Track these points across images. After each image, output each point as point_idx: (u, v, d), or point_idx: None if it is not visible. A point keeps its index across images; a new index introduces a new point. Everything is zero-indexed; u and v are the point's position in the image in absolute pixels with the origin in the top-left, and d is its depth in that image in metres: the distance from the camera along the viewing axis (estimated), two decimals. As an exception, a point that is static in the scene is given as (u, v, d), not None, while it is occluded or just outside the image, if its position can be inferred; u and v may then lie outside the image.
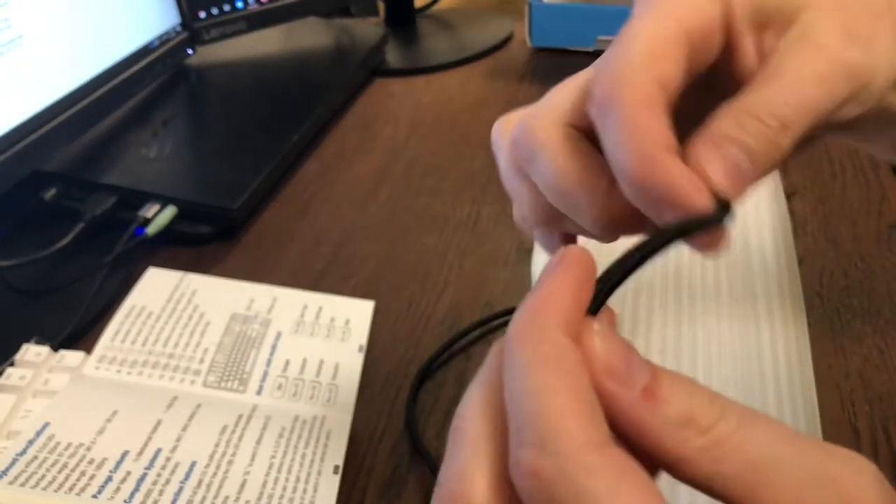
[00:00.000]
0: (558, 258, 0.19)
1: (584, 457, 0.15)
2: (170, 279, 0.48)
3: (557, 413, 0.16)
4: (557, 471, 0.15)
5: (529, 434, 0.16)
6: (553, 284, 0.18)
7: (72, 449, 0.35)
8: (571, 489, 0.15)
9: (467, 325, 0.46)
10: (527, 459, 0.15)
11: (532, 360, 0.16)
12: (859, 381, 0.41)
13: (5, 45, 0.48)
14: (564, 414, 0.16)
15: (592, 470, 0.15)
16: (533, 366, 0.16)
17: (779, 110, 0.21)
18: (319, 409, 0.40)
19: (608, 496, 0.15)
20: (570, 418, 0.16)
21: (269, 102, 0.70)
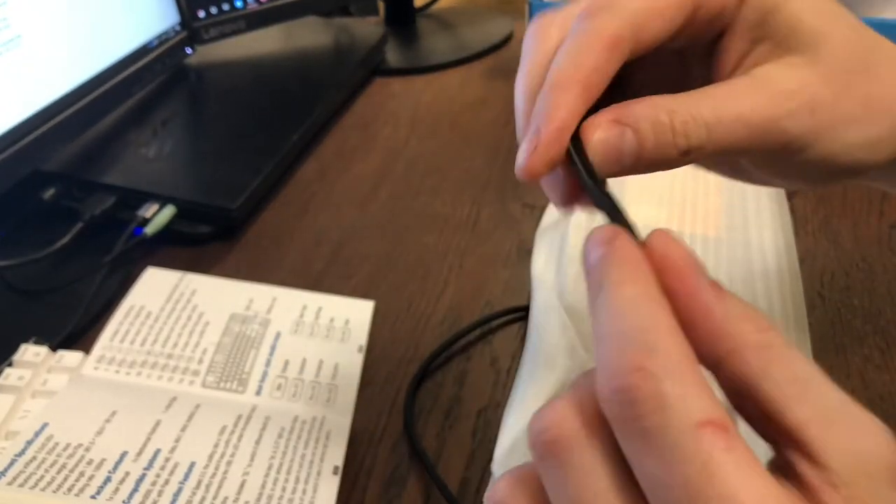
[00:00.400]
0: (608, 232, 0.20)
1: (690, 366, 0.16)
2: (169, 279, 0.48)
3: (667, 329, 0.17)
4: (666, 368, 0.16)
5: (640, 341, 0.16)
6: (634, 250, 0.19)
7: (70, 449, 0.35)
8: (678, 387, 0.16)
9: (466, 325, 0.46)
10: (633, 358, 0.16)
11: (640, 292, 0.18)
12: (860, 381, 0.41)
13: (4, 45, 0.48)
14: (672, 330, 0.17)
15: (697, 379, 0.16)
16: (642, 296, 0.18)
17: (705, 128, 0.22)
18: (319, 409, 0.40)
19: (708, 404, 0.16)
20: (677, 335, 0.17)
21: (269, 102, 0.70)
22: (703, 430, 0.15)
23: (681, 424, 0.15)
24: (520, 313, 0.47)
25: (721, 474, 0.15)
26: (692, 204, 0.50)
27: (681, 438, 0.15)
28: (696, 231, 0.47)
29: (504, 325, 0.46)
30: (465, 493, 0.37)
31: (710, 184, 0.52)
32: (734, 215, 0.48)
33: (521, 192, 0.59)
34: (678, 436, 0.15)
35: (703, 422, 0.15)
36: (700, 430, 0.15)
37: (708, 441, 0.15)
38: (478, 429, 0.40)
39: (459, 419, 0.41)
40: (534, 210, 0.57)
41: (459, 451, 0.39)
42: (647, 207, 0.49)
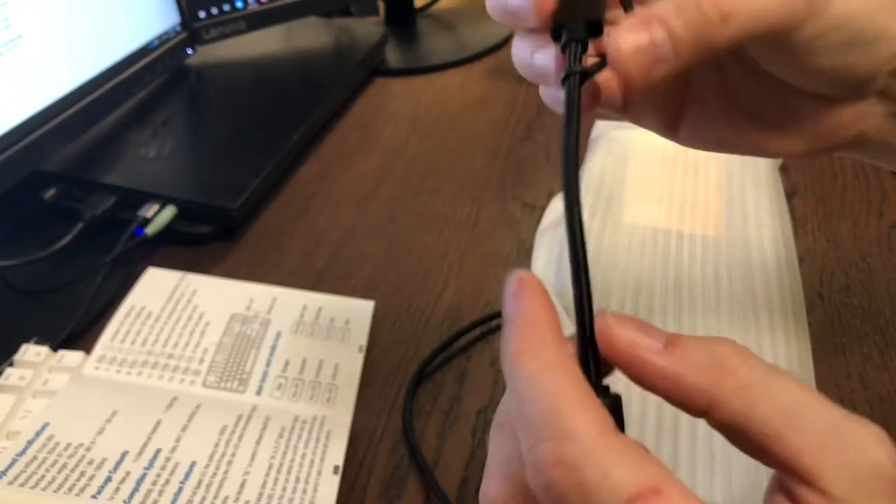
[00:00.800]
0: (517, 286, 0.20)
1: (606, 439, 0.16)
2: (169, 279, 0.48)
3: (574, 407, 0.16)
4: (581, 454, 0.16)
5: (549, 430, 0.16)
6: (530, 306, 0.19)
7: (71, 449, 0.35)
8: (598, 469, 0.16)
9: (466, 325, 0.46)
10: (549, 451, 0.16)
11: (540, 365, 0.17)
12: (860, 381, 0.41)
13: (5, 45, 0.48)
14: (580, 404, 0.17)
15: (615, 451, 0.16)
16: (541, 369, 0.17)
17: (726, 3, 0.20)
18: (319, 409, 0.40)
19: (631, 474, 0.16)
20: (586, 408, 0.16)
21: (269, 102, 0.70)
22: (636, 499, 0.15)
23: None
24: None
25: None
26: (692, 204, 0.50)
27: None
28: (696, 231, 0.47)
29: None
30: (466, 493, 0.37)
31: (710, 184, 0.52)
32: (734, 215, 0.49)
33: (521, 192, 0.59)
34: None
35: (633, 496, 0.15)
36: (634, 501, 0.15)
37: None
38: (478, 428, 0.40)
39: (459, 419, 0.41)
40: (534, 210, 0.57)
41: (459, 450, 0.39)
42: (646, 207, 0.49)
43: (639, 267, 0.45)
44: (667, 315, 0.41)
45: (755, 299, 0.42)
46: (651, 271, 0.44)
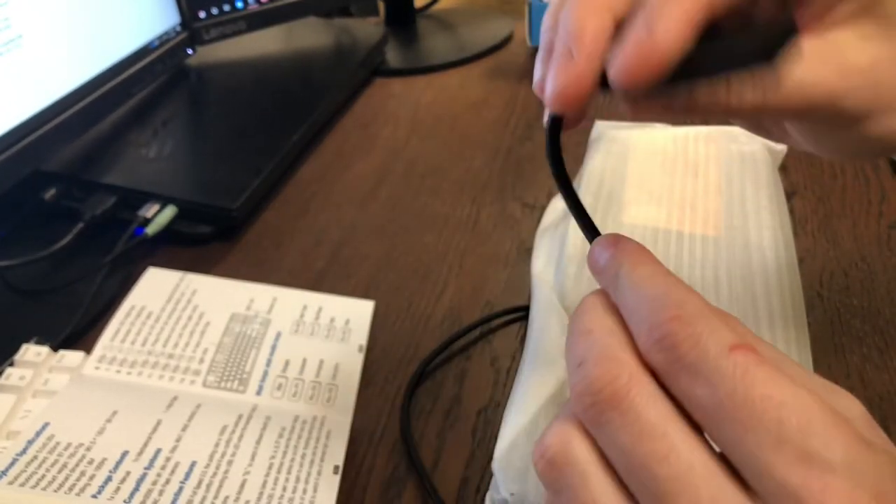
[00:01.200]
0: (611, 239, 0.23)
1: (713, 309, 0.19)
2: (169, 279, 0.48)
3: (685, 289, 0.20)
4: (695, 314, 0.19)
5: (669, 302, 0.19)
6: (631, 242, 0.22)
7: (71, 449, 0.35)
8: (708, 325, 0.18)
9: (466, 325, 0.46)
10: (668, 314, 0.19)
11: (654, 269, 0.21)
12: (859, 380, 0.41)
13: (5, 45, 0.48)
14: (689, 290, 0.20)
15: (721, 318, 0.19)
16: (656, 271, 0.21)
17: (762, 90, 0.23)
18: (319, 409, 0.40)
19: (733, 332, 0.18)
20: (693, 292, 0.20)
21: (269, 102, 0.70)
22: (735, 351, 0.18)
23: (717, 351, 0.18)
24: (520, 313, 0.47)
25: (758, 381, 0.17)
26: (692, 204, 0.50)
27: (719, 362, 0.18)
28: (696, 231, 0.47)
29: (504, 325, 0.47)
30: (466, 493, 0.37)
31: (710, 184, 0.52)
32: (734, 215, 0.49)
33: (521, 192, 0.59)
34: (716, 361, 0.18)
35: (734, 345, 0.18)
36: (732, 352, 0.18)
37: (741, 359, 0.18)
38: (478, 428, 0.40)
39: (459, 419, 0.41)
40: (534, 210, 0.57)
41: (460, 450, 0.39)
42: (646, 207, 0.49)
43: (639, 267, 0.45)
44: (667, 315, 0.41)
45: (755, 299, 0.42)
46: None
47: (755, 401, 0.17)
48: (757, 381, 0.17)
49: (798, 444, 0.17)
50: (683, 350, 0.18)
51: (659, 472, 0.18)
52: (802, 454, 0.16)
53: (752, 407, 0.17)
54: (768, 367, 0.18)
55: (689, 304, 0.19)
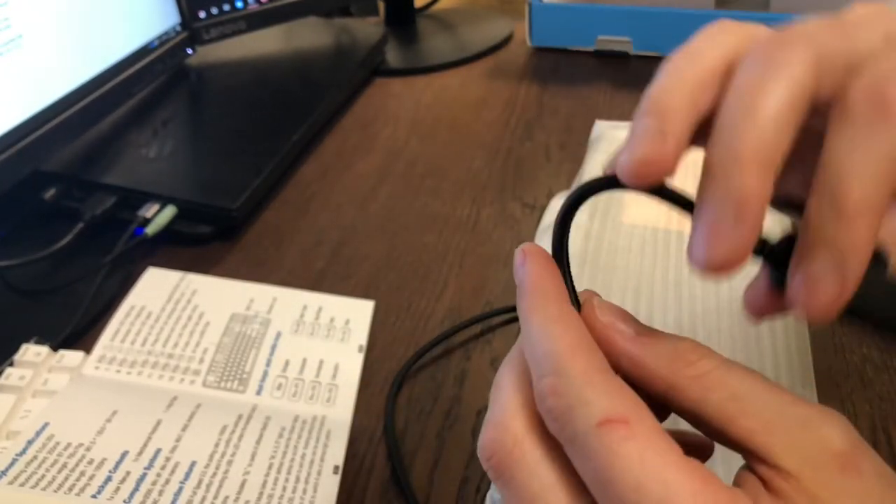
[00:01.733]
0: (521, 257, 0.22)
1: (592, 376, 0.19)
2: (169, 279, 0.48)
3: (568, 348, 0.20)
4: (569, 386, 0.19)
5: (548, 366, 0.19)
6: (536, 272, 0.22)
7: (71, 449, 0.35)
8: (581, 398, 0.19)
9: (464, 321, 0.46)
10: (547, 384, 0.19)
11: (543, 318, 0.21)
12: (859, 380, 0.41)
13: (5, 45, 0.48)
14: (573, 348, 0.20)
15: (599, 385, 0.19)
16: (544, 321, 0.20)
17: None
18: (319, 409, 0.40)
19: (608, 404, 0.18)
20: (578, 351, 0.20)
21: (269, 102, 0.70)
22: (602, 427, 0.18)
23: (585, 427, 0.18)
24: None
25: (620, 462, 0.18)
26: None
27: (587, 439, 0.18)
28: (696, 231, 0.47)
29: (504, 325, 0.47)
30: (466, 492, 0.37)
31: (710, 184, 0.52)
32: (734, 215, 0.49)
33: (521, 192, 0.59)
34: (584, 437, 0.18)
35: (602, 421, 0.18)
36: (599, 428, 0.18)
37: (606, 436, 0.18)
38: (477, 428, 0.40)
39: (459, 419, 0.41)
40: (533, 210, 0.57)
41: (460, 450, 0.39)
42: (646, 207, 0.49)
43: (639, 267, 0.45)
44: (667, 315, 0.41)
45: (755, 299, 0.42)
46: (651, 271, 0.44)
47: (615, 481, 0.17)
48: (618, 460, 0.18)
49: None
50: (561, 423, 0.19)
51: None
52: None
53: (614, 486, 0.17)
54: (636, 441, 0.18)
55: (566, 371, 0.19)
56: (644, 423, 0.18)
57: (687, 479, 0.17)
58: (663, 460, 0.18)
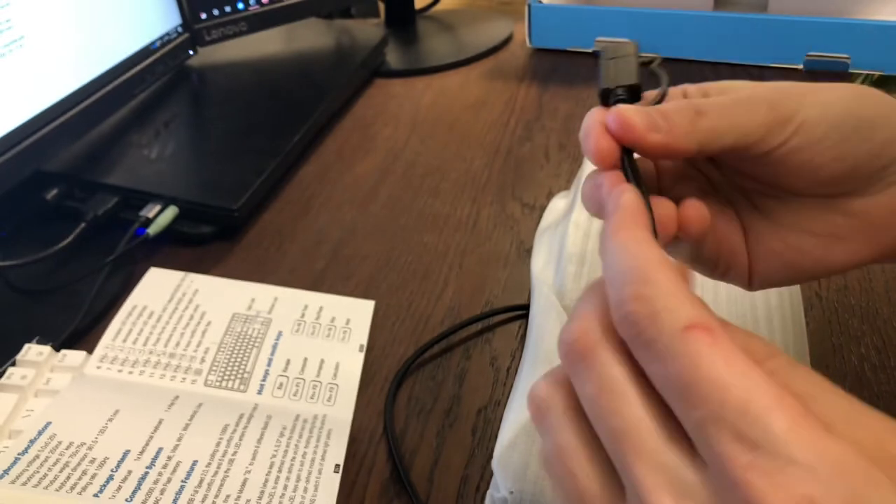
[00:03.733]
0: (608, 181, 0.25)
1: (678, 286, 0.20)
2: (171, 279, 0.48)
3: (656, 262, 0.20)
4: (656, 293, 0.20)
5: (633, 276, 0.20)
6: (626, 196, 0.23)
7: (73, 448, 0.35)
8: (667, 304, 0.19)
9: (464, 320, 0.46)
10: (630, 291, 0.20)
11: (630, 237, 0.21)
12: (857, 380, 0.41)
13: (7, 46, 0.48)
14: (660, 263, 0.20)
15: (683, 296, 0.20)
16: (631, 240, 0.21)
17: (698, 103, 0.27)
18: (320, 408, 0.41)
19: (691, 311, 0.19)
20: (664, 267, 0.20)
21: (270, 103, 0.70)
22: (689, 332, 0.19)
23: (671, 330, 0.19)
24: (519, 311, 0.47)
25: (706, 363, 0.18)
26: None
27: (671, 342, 0.19)
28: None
29: (503, 324, 0.47)
30: (466, 491, 0.37)
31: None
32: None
33: (521, 192, 0.59)
34: (669, 340, 0.19)
35: (689, 326, 0.19)
36: (686, 332, 0.19)
37: (693, 339, 0.18)
38: (478, 427, 0.40)
39: (459, 418, 0.41)
40: (533, 210, 0.57)
41: (460, 449, 0.39)
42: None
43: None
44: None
45: (753, 299, 0.42)
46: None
47: (701, 381, 0.18)
48: (703, 364, 0.18)
49: (735, 424, 0.17)
50: (641, 328, 0.19)
51: (612, 423, 0.20)
52: (738, 435, 0.17)
53: (699, 387, 0.18)
54: (721, 347, 0.18)
55: (654, 281, 0.20)
56: (727, 336, 0.19)
57: (770, 384, 0.18)
58: (747, 366, 0.18)
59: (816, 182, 0.28)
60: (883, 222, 0.28)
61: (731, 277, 0.31)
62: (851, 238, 0.29)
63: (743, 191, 0.31)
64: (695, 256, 0.30)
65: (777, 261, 0.30)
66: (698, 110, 0.26)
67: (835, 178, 0.28)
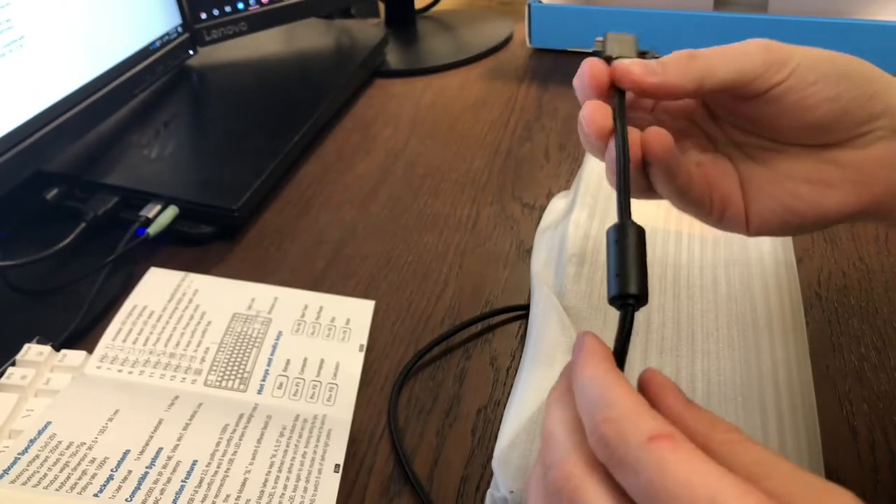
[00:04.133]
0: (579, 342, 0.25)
1: (640, 406, 0.21)
2: (171, 279, 0.48)
3: (619, 389, 0.22)
4: (621, 414, 0.21)
5: (601, 403, 0.22)
6: (590, 339, 0.25)
7: (73, 448, 0.35)
8: (631, 422, 0.21)
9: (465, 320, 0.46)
10: (600, 417, 0.21)
11: (596, 371, 0.23)
12: (857, 380, 0.41)
13: (7, 46, 0.48)
14: (623, 391, 0.22)
15: (645, 412, 0.21)
16: (597, 374, 0.23)
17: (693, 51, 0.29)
18: (320, 408, 0.41)
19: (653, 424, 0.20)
20: (628, 393, 0.22)
21: (271, 103, 0.70)
22: (652, 442, 0.20)
23: (637, 443, 0.20)
24: (519, 311, 0.47)
25: (672, 468, 0.19)
26: (691, 204, 0.50)
27: (639, 453, 0.20)
28: (694, 231, 0.47)
29: (503, 324, 0.47)
30: (466, 491, 0.37)
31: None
32: (732, 215, 0.49)
33: (521, 192, 0.59)
34: (637, 452, 0.20)
35: (651, 437, 0.20)
36: (650, 443, 0.20)
37: (656, 448, 0.20)
38: (477, 427, 0.40)
39: (459, 417, 0.41)
40: (533, 210, 0.57)
41: (460, 449, 0.39)
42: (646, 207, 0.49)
43: (638, 267, 0.45)
44: (665, 315, 0.41)
45: (753, 299, 0.42)
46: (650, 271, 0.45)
47: (669, 485, 0.19)
48: (670, 467, 0.19)
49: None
50: (612, 447, 0.21)
51: None
52: None
53: (668, 490, 0.19)
54: (682, 451, 0.20)
55: (618, 404, 0.21)
56: (687, 442, 0.20)
57: (734, 479, 0.19)
58: (709, 465, 0.19)
59: (808, 125, 0.30)
60: (870, 174, 0.30)
61: (727, 223, 0.32)
62: (841, 187, 0.30)
63: (740, 144, 0.32)
64: (686, 199, 0.31)
65: (773, 203, 0.31)
66: (692, 55, 0.29)
67: (826, 122, 0.29)
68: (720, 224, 0.32)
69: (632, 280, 0.25)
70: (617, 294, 0.25)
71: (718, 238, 0.47)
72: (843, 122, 0.29)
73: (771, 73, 0.29)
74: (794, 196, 0.31)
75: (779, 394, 0.37)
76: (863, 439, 0.38)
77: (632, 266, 0.25)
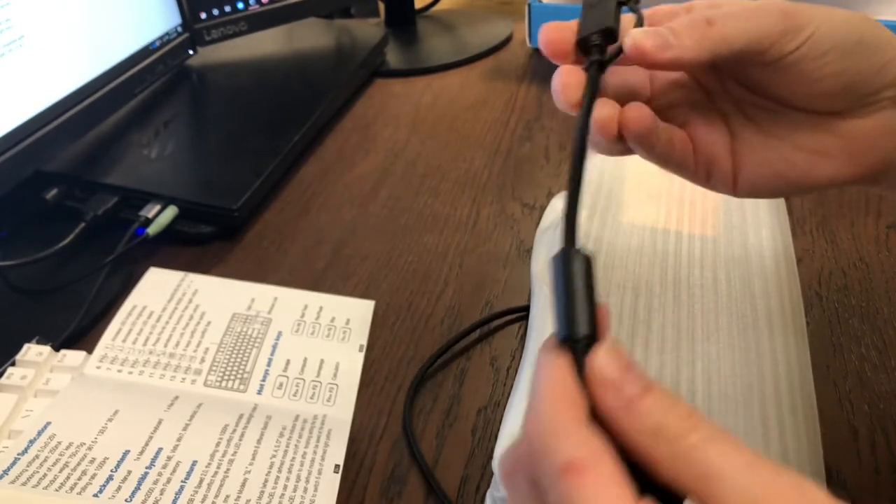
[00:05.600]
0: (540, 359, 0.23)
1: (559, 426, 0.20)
2: (171, 279, 0.48)
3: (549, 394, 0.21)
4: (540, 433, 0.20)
5: (531, 419, 0.21)
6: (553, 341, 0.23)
7: (73, 448, 0.35)
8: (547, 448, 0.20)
9: (466, 327, 0.46)
10: (528, 429, 0.21)
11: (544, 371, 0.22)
12: (858, 380, 0.41)
13: (7, 46, 0.48)
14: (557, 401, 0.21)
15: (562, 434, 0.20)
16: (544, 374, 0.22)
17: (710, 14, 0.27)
18: (320, 408, 0.41)
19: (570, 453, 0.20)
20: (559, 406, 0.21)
21: (270, 103, 0.70)
22: (564, 475, 0.19)
23: (550, 471, 0.20)
24: (520, 312, 0.47)
25: (578, 500, 0.19)
26: (690, 203, 0.50)
27: (552, 482, 0.20)
28: (695, 231, 0.47)
29: (504, 325, 0.47)
30: (466, 492, 0.37)
31: (709, 184, 0.52)
32: (732, 215, 0.49)
33: (521, 192, 0.59)
34: (550, 478, 0.20)
35: (564, 468, 0.19)
36: (562, 475, 0.19)
37: (566, 483, 0.19)
38: (477, 427, 0.40)
39: (459, 418, 0.41)
40: (533, 210, 0.57)
41: (460, 449, 0.39)
42: (646, 207, 0.50)
43: (638, 267, 0.45)
44: (665, 315, 0.41)
45: (753, 299, 0.42)
46: (650, 271, 0.45)
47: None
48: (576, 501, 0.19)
49: None
50: (534, 465, 0.21)
51: None
52: None
53: None
54: (592, 486, 0.19)
55: (545, 417, 0.21)
56: (602, 468, 0.19)
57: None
58: (620, 498, 0.18)
59: (814, 94, 0.29)
60: (867, 144, 0.29)
61: (714, 183, 0.32)
62: (836, 156, 0.30)
63: (738, 101, 0.31)
64: (666, 163, 0.31)
65: (765, 168, 0.30)
66: (709, 20, 0.27)
67: (832, 93, 0.28)
68: (707, 184, 0.32)
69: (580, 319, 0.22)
70: (567, 337, 0.22)
71: (718, 238, 0.47)
72: (849, 94, 0.29)
73: (786, 40, 0.27)
74: (787, 163, 0.30)
75: (779, 394, 0.37)
76: (863, 439, 0.38)
77: (580, 302, 0.22)
